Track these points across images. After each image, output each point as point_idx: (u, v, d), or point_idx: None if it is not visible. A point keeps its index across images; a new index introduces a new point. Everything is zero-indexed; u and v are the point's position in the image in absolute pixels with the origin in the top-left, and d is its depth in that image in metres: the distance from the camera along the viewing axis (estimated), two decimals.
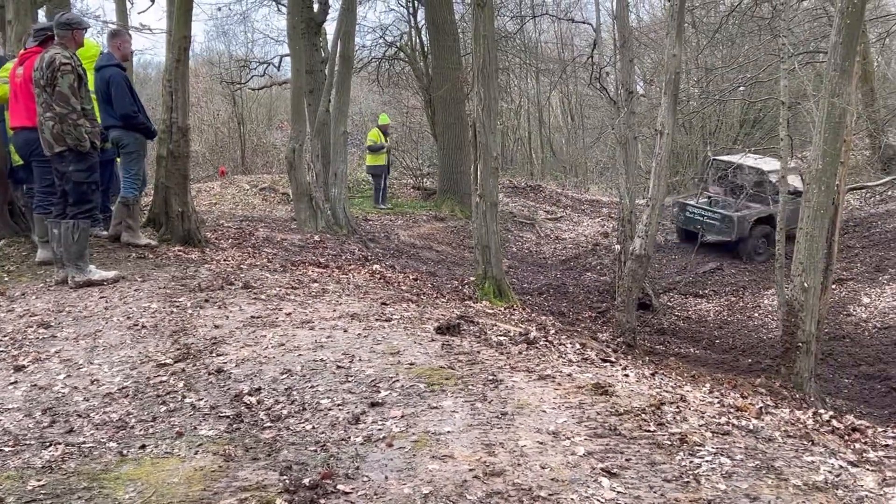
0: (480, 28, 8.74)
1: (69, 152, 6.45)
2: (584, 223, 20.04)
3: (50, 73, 6.35)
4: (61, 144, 6.43)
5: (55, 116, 6.39)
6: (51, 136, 6.43)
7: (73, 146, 6.44)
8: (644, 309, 11.76)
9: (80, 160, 6.51)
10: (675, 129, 9.40)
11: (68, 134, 6.39)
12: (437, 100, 18.38)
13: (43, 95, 6.42)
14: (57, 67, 6.36)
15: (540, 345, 5.09)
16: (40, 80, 6.39)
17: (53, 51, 6.48)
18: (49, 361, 4.48)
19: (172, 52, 8.06)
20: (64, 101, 6.38)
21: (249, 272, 7.19)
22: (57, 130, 6.40)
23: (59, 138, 6.42)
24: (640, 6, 30.44)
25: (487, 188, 8.85)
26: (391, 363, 4.19)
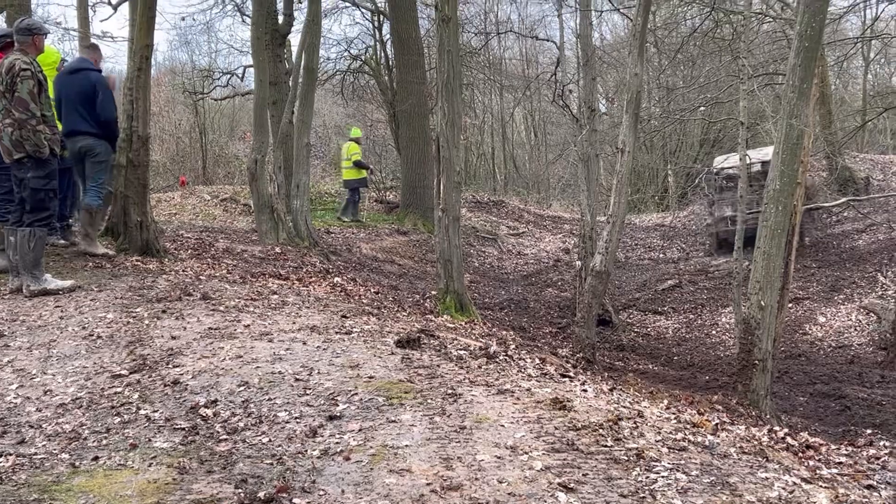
0: (445, 43, 8.77)
1: (28, 159, 6.37)
2: (546, 239, 20.17)
3: (9, 78, 6.28)
4: (20, 151, 6.35)
5: (14, 122, 6.30)
6: (9, 143, 6.34)
7: (32, 153, 6.36)
8: (604, 325, 11.83)
9: (39, 167, 6.44)
10: (636, 148, 9.49)
11: (27, 140, 6.31)
12: (401, 114, 18.41)
13: (2, 101, 6.33)
14: (17, 73, 6.29)
15: (500, 359, 5.09)
16: (1, 87, 6.30)
17: (13, 56, 6.40)
18: (1, 371, 4.40)
19: (134, 61, 7.99)
20: (23, 106, 6.30)
21: (208, 283, 7.12)
22: (16, 137, 6.32)
23: (18, 145, 6.34)
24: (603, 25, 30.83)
25: (450, 202, 8.86)
26: (350, 376, 4.18)
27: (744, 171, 11.85)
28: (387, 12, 20.75)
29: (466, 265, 14.50)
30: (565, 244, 19.18)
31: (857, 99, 28.22)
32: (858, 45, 20.93)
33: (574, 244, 17.86)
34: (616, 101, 22.13)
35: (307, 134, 12.94)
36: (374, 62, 23.56)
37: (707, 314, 13.51)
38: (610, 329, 12.17)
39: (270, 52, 13.54)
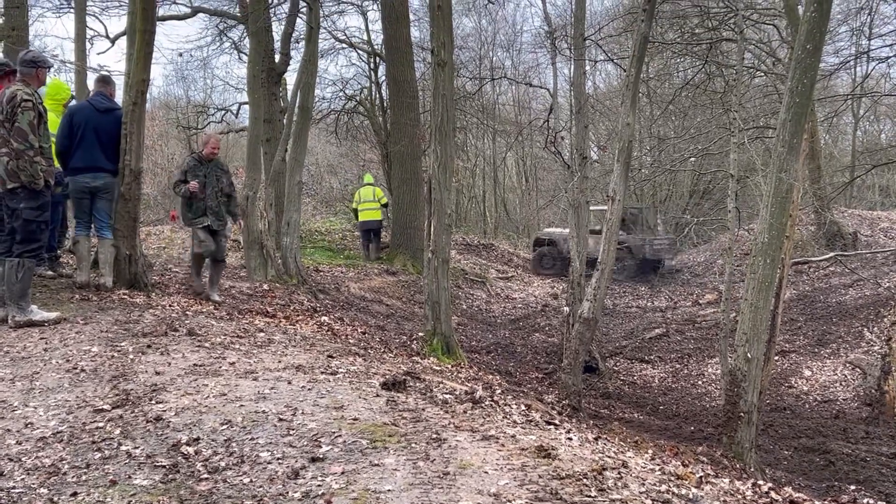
0: (440, 87, 8.86)
1: (22, 189, 6.39)
2: (535, 284, 20.18)
3: (10, 108, 6.32)
4: (14, 181, 6.37)
5: (11, 152, 6.34)
6: (4, 172, 6.37)
7: (28, 183, 6.39)
8: (590, 372, 11.81)
9: (32, 198, 6.46)
10: (626, 196, 9.56)
11: (23, 170, 6.34)
12: (393, 155, 18.54)
13: (1, 132, 6.36)
14: (17, 103, 6.34)
15: (485, 404, 5.08)
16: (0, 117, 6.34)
17: (15, 87, 6.45)
18: None
19: (130, 95, 8.03)
20: (22, 136, 6.34)
21: (195, 319, 7.10)
22: (12, 166, 6.35)
23: (13, 174, 6.36)
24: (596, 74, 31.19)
25: (440, 244, 8.89)
26: (334, 418, 4.15)
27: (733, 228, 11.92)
28: (383, 54, 20.97)
29: (454, 307, 14.50)
30: (554, 290, 19.20)
31: (846, 155, 28.57)
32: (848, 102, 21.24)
33: (562, 290, 17.88)
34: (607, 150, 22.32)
35: (300, 172, 13.00)
36: (368, 103, 23.74)
37: (693, 364, 13.50)
38: (596, 376, 12.14)
39: (266, 89, 13.67)
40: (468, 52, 28.49)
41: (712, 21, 14.51)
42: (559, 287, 19.05)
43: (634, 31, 9.95)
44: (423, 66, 23.23)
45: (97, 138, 7.79)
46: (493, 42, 31.05)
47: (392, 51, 18.26)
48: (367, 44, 23.68)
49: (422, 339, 9.46)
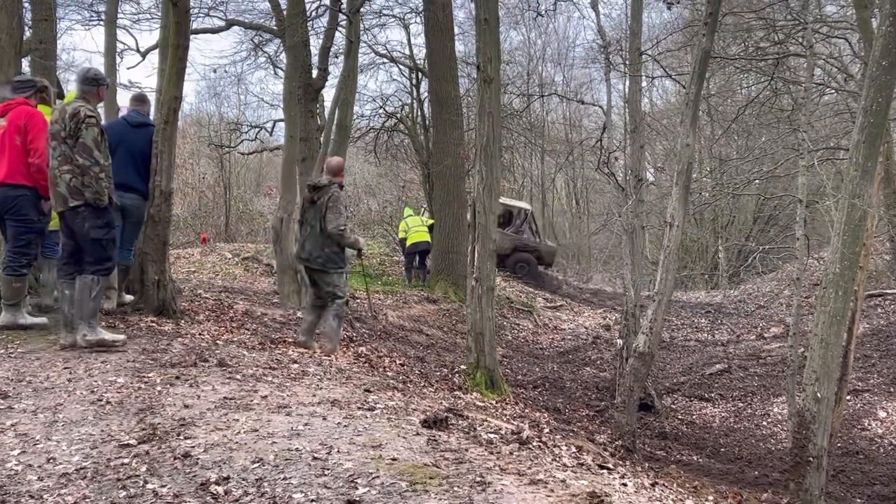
0: (486, 104, 8.89)
1: (85, 207, 6.55)
2: (585, 314, 20.06)
3: (73, 124, 6.49)
4: (77, 199, 6.53)
5: (73, 169, 6.51)
6: (66, 190, 6.52)
7: (93, 200, 6.56)
8: (645, 410, 11.68)
9: (97, 216, 6.63)
10: (685, 222, 9.49)
11: (89, 187, 6.51)
12: (436, 175, 18.60)
13: (61, 148, 6.54)
14: (82, 119, 6.52)
15: (533, 445, 5.03)
16: (60, 132, 6.52)
17: (77, 103, 6.64)
18: (3, 435, 4.42)
19: (161, 113, 8.17)
20: (88, 153, 6.51)
21: (226, 349, 7.15)
22: (75, 184, 6.51)
23: (77, 192, 6.52)
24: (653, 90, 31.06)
25: (484, 271, 8.88)
26: (372, 457, 4.14)
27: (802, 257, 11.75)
28: (425, 70, 21.09)
29: (499, 338, 14.45)
30: (606, 320, 19.06)
31: None
32: None
33: (615, 321, 17.75)
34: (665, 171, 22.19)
35: None
36: (409, 120, 23.90)
37: (758, 403, 13.29)
38: (652, 415, 12.01)
39: (302, 106, 13.78)
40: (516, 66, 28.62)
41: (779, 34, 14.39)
42: (611, 317, 18.91)
43: (695, 46, 9.91)
44: (467, 82, 23.36)
45: (130, 156, 7.93)
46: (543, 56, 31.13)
47: (435, 66, 18.36)
48: (408, 58, 23.88)
49: (464, 373, 9.44)
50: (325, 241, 8.40)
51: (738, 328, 18.60)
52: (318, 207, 8.43)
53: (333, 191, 8.52)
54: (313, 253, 8.41)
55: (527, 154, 30.91)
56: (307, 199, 8.52)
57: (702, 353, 16.43)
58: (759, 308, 20.28)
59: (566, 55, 32.28)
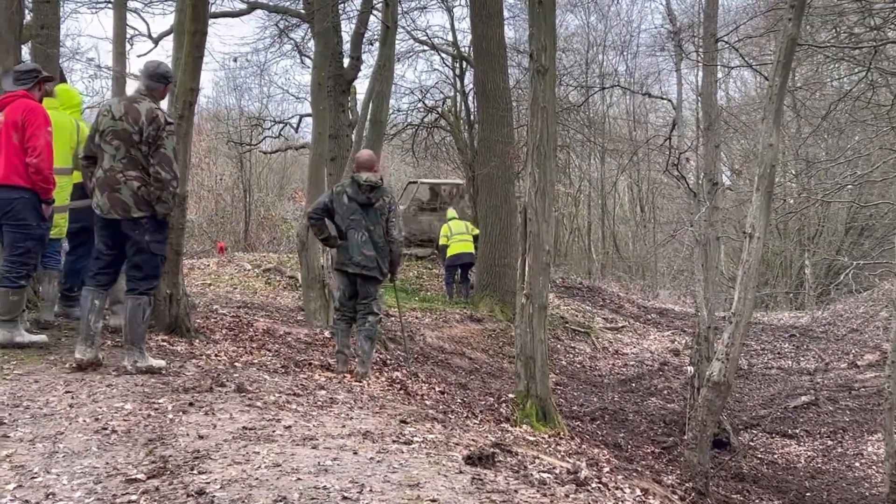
0: (539, 98, 8.87)
1: (149, 220, 6.69)
2: (651, 336, 19.93)
3: (153, 130, 6.61)
4: (144, 210, 6.67)
5: (144, 177, 6.64)
6: (132, 199, 6.64)
7: (162, 215, 6.73)
8: (720, 448, 11.56)
9: (160, 230, 6.82)
10: (767, 232, 9.39)
11: (164, 202, 6.66)
12: (481, 178, 18.60)
13: (128, 150, 6.64)
14: (162, 126, 6.66)
15: (592, 487, 5.00)
16: (131, 134, 6.62)
17: (150, 104, 6.75)
18: None
19: (175, 106, 8.26)
20: (168, 165, 6.67)
21: (245, 372, 7.20)
22: (143, 194, 6.65)
23: (144, 203, 6.66)
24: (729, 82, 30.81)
25: (536, 287, 8.84)
26: (409, 498, 4.14)
27: None
28: (470, 58, 21.11)
29: (552, 363, 14.40)
30: (675, 344, 18.91)
31: None
32: None
33: (686, 345, 17.61)
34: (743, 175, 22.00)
35: None
36: (452, 116, 23.93)
37: (849, 441, 13.10)
38: (727, 453, 11.88)
39: (332, 100, 13.90)
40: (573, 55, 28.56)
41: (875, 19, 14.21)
42: (681, 341, 18.77)
43: (779, 32, 9.82)
44: (517, 73, 23.37)
45: None
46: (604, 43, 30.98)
47: (482, 54, 18.37)
48: (451, 45, 23.93)
49: (512, 402, 9.41)
50: (384, 249, 8.56)
51: (827, 355, 18.36)
52: (375, 211, 8.50)
53: (392, 193, 8.67)
54: (370, 262, 8.49)
55: (584, 154, 30.80)
56: (359, 199, 8.52)
57: (785, 383, 16.24)
58: (851, 332, 20.01)
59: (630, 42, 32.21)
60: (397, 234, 8.57)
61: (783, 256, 27.63)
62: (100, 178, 6.75)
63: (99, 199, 6.74)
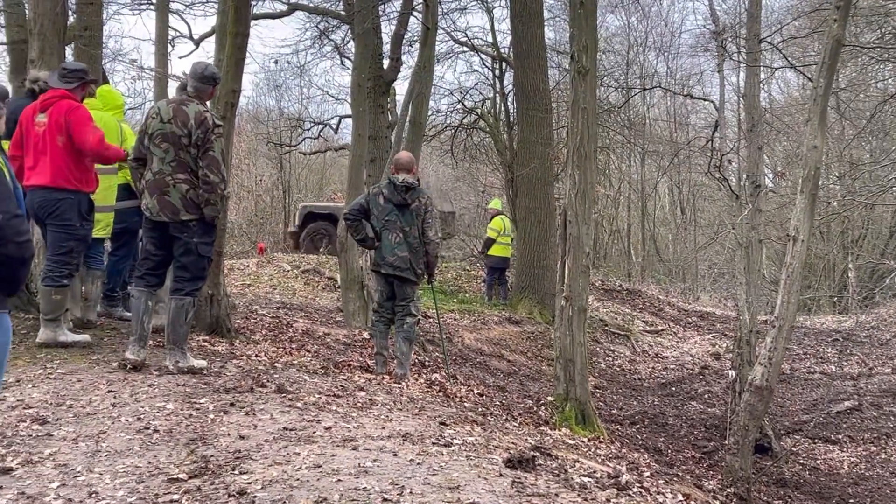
0: (580, 99, 8.84)
1: (197, 223, 6.79)
2: (692, 340, 19.78)
3: (202, 132, 6.69)
4: (193, 213, 6.77)
5: (192, 180, 6.73)
6: (180, 201, 6.73)
7: (210, 218, 6.82)
8: (761, 453, 11.45)
9: (209, 232, 6.93)
10: (810, 235, 9.30)
11: (213, 204, 6.78)
12: (520, 179, 18.54)
13: (177, 153, 6.73)
14: (211, 128, 6.74)
15: (633, 491, 4.98)
16: (180, 137, 6.69)
17: (198, 106, 6.83)
18: (42, 465, 4.53)
19: (217, 108, 8.32)
20: (217, 167, 6.75)
21: (284, 373, 7.24)
22: (192, 197, 6.74)
23: (193, 206, 6.76)
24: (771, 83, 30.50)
25: (576, 289, 8.81)
26: (448, 500, 4.14)
27: None
28: (510, 59, 21.08)
29: (591, 366, 14.33)
30: (715, 348, 18.76)
31: None
32: None
33: (727, 348, 17.46)
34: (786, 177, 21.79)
35: None
36: (491, 116, 23.89)
37: (893, 447, 12.93)
38: (769, 458, 11.76)
39: (372, 101, 13.91)
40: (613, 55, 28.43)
41: None
42: (722, 344, 18.62)
43: (824, 33, 9.73)
44: (557, 74, 23.30)
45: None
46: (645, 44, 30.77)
47: (522, 55, 18.34)
48: (491, 46, 23.89)
49: (551, 405, 9.38)
50: (419, 251, 8.57)
51: (872, 359, 18.13)
52: (411, 212, 8.52)
53: (428, 194, 8.71)
54: (403, 263, 8.50)
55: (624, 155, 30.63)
56: (395, 200, 8.53)
57: (828, 388, 16.05)
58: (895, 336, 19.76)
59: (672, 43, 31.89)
60: (433, 236, 8.59)
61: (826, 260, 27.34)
62: (149, 180, 6.82)
63: (148, 201, 6.81)
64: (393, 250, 8.45)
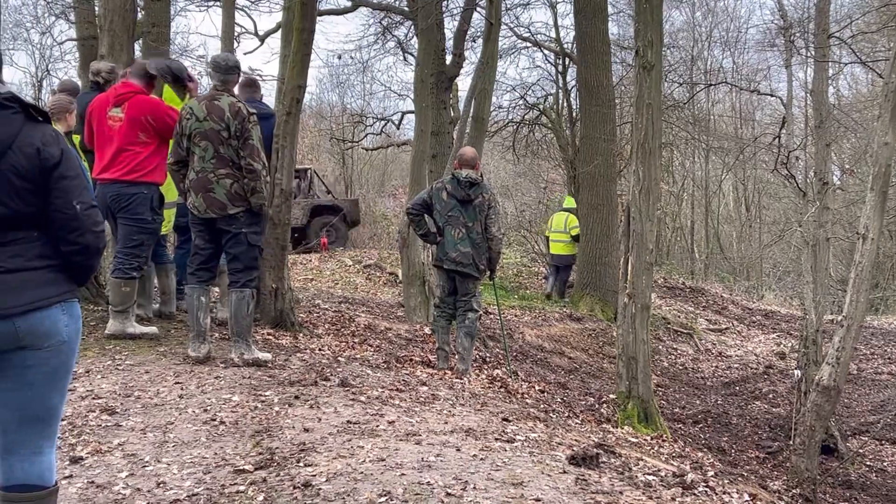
0: (645, 94, 8.77)
1: (245, 213, 6.86)
2: (756, 338, 19.55)
3: (238, 123, 6.74)
4: (239, 205, 6.83)
5: (234, 173, 6.79)
6: (226, 196, 6.79)
7: (257, 207, 6.88)
8: (827, 454, 11.27)
9: (257, 221, 7.00)
10: (880, 234, 9.13)
11: (258, 192, 6.82)
12: (583, 176, 18.45)
13: (216, 149, 6.79)
14: (246, 117, 6.77)
15: (698, 490, 4.92)
16: (219, 132, 6.75)
17: (230, 97, 6.88)
18: (111, 455, 4.61)
19: (283, 103, 8.39)
20: (257, 155, 6.82)
21: (348, 366, 7.28)
22: (236, 189, 6.80)
23: (239, 198, 6.82)
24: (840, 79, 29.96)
25: (639, 287, 8.75)
26: (512, 496, 4.13)
27: None
28: (573, 55, 20.97)
29: (653, 365, 14.21)
30: (780, 347, 18.51)
31: None
32: None
33: (792, 348, 17.22)
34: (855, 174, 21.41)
35: None
36: (553, 112, 23.80)
37: None
38: (836, 459, 11.58)
39: (434, 96, 13.96)
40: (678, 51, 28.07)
41: None
42: (787, 344, 18.36)
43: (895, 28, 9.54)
44: (621, 69, 23.11)
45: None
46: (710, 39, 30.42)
47: (585, 50, 18.23)
48: (554, 42, 23.79)
49: (613, 403, 9.33)
50: (482, 246, 8.53)
51: None
52: (474, 207, 8.50)
53: (491, 190, 8.70)
54: (465, 259, 8.48)
55: (688, 152, 30.29)
56: (458, 195, 8.53)
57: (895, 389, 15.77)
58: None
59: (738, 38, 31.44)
60: (496, 231, 8.57)
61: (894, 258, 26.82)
62: (192, 179, 6.88)
63: (194, 199, 6.87)
64: (455, 246, 8.44)
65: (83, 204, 3.12)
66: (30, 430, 3.11)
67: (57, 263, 3.12)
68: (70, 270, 3.17)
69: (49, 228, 3.09)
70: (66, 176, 3.09)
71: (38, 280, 3.05)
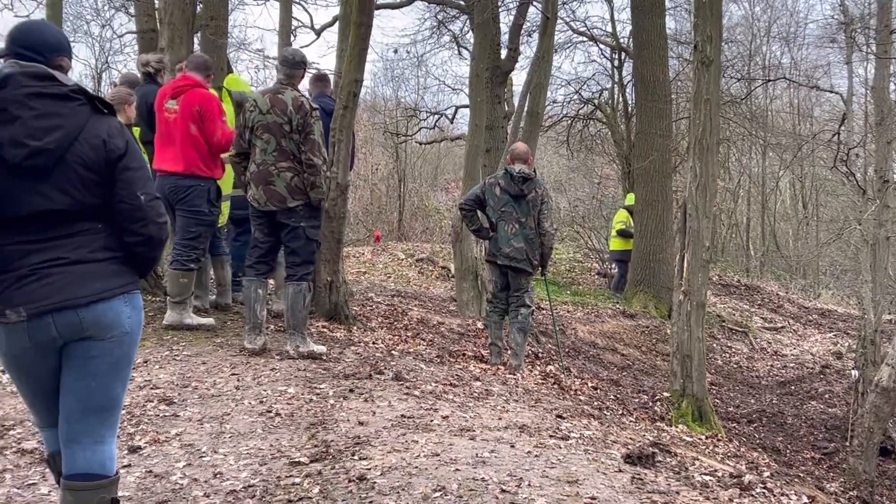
0: (703, 90, 8.67)
1: (304, 207, 6.93)
2: (812, 338, 19.28)
3: (301, 117, 6.82)
4: (299, 198, 6.90)
5: (295, 167, 6.85)
6: (286, 189, 6.87)
7: (317, 201, 6.96)
8: (885, 456, 11.10)
9: (315, 216, 7.07)
10: None
11: (318, 187, 6.90)
12: (638, 171, 18.31)
13: (278, 142, 6.87)
14: (308, 112, 6.85)
15: (756, 491, 4.87)
16: (281, 125, 6.83)
17: (293, 91, 6.96)
18: (168, 445, 4.67)
19: (340, 97, 8.42)
20: (318, 149, 6.90)
21: (401, 360, 7.30)
22: (296, 183, 6.87)
23: (299, 191, 6.89)
24: None
25: (695, 284, 8.66)
26: (567, 494, 4.11)
27: None
28: (629, 49, 20.83)
29: (708, 363, 14.08)
30: (837, 346, 18.24)
31: None
32: None
33: (849, 348, 16.97)
34: None
35: None
36: (609, 108, 23.67)
37: None
38: (893, 462, 11.40)
39: (489, 91, 13.90)
40: (736, 46, 27.73)
41: None
42: (844, 343, 18.10)
43: None
44: (677, 64, 22.90)
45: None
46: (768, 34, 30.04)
47: (641, 45, 18.08)
48: (610, 36, 23.65)
49: (667, 401, 9.25)
50: (535, 242, 8.53)
51: None
52: (527, 203, 8.49)
53: (544, 185, 8.72)
54: (519, 254, 8.47)
55: (745, 148, 29.92)
56: (511, 191, 8.51)
57: None
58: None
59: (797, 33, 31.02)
60: (549, 227, 8.55)
61: None
62: (253, 172, 6.95)
63: (254, 192, 6.93)
64: (509, 241, 8.43)
65: (147, 195, 3.16)
66: (92, 420, 3.15)
67: (120, 255, 3.16)
68: (133, 262, 3.21)
69: (113, 220, 3.14)
70: (131, 167, 3.14)
71: (102, 272, 3.09)
